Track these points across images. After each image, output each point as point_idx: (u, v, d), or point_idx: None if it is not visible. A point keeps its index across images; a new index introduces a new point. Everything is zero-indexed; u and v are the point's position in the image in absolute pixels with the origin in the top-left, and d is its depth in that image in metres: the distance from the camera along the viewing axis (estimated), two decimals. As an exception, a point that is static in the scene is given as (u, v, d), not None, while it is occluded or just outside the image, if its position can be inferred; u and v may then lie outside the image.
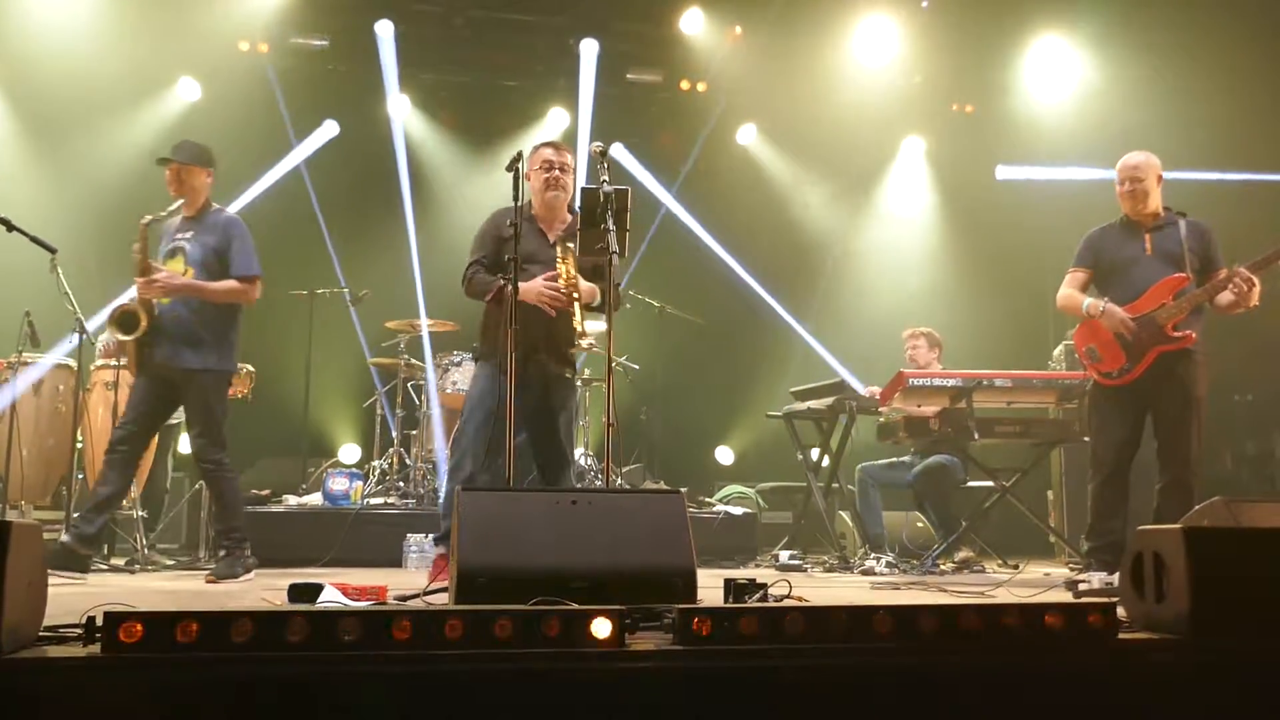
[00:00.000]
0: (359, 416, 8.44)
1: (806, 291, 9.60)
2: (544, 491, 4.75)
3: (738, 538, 6.82)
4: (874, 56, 9.07)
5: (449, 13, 8.78)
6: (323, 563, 5.82)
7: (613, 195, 3.76)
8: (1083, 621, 2.30)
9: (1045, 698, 2.24)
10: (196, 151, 5.20)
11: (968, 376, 5.72)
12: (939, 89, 9.51)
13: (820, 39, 8.94)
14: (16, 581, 1.97)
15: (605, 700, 2.07)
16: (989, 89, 9.46)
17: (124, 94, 8.50)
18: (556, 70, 9.29)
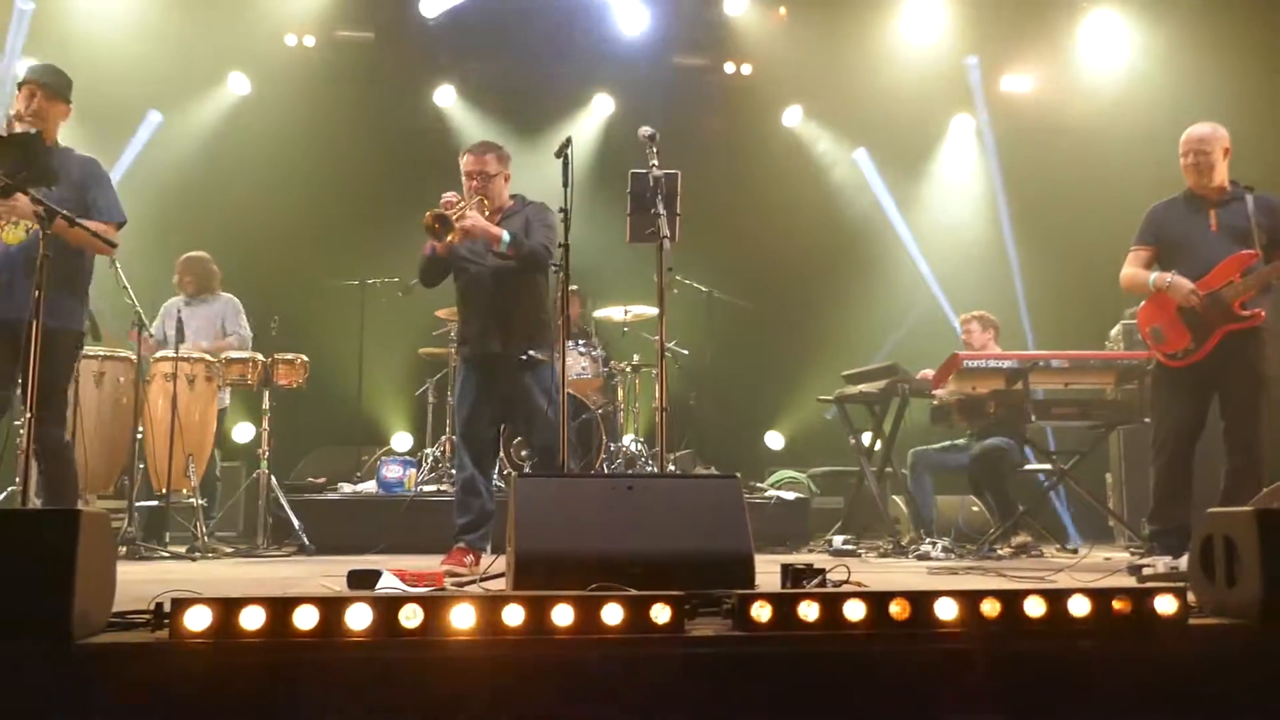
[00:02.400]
0: (410, 405, 8.51)
1: (856, 274, 9.50)
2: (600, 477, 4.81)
3: (790, 523, 6.79)
4: (922, 34, 8.93)
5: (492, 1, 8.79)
6: (378, 549, 5.89)
7: (662, 179, 3.75)
8: (1152, 607, 2.25)
9: (1113, 684, 2.20)
10: (62, 79, 4.53)
11: (1023, 358, 5.63)
12: (989, 65, 9.34)
13: (866, 18, 8.83)
14: (87, 569, 2.01)
15: (665, 685, 2.07)
16: (1041, 65, 9.27)
17: (176, 90, 8.64)
18: (601, 57, 9.27)
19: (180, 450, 5.83)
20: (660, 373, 3.85)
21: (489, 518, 4.60)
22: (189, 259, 6.84)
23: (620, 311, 7.35)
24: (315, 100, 8.69)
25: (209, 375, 6.17)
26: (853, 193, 9.68)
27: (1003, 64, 9.38)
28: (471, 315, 4.68)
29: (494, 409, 4.69)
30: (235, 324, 6.80)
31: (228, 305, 6.84)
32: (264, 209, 8.46)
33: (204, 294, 6.78)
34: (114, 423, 5.90)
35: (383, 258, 7.98)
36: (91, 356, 5.85)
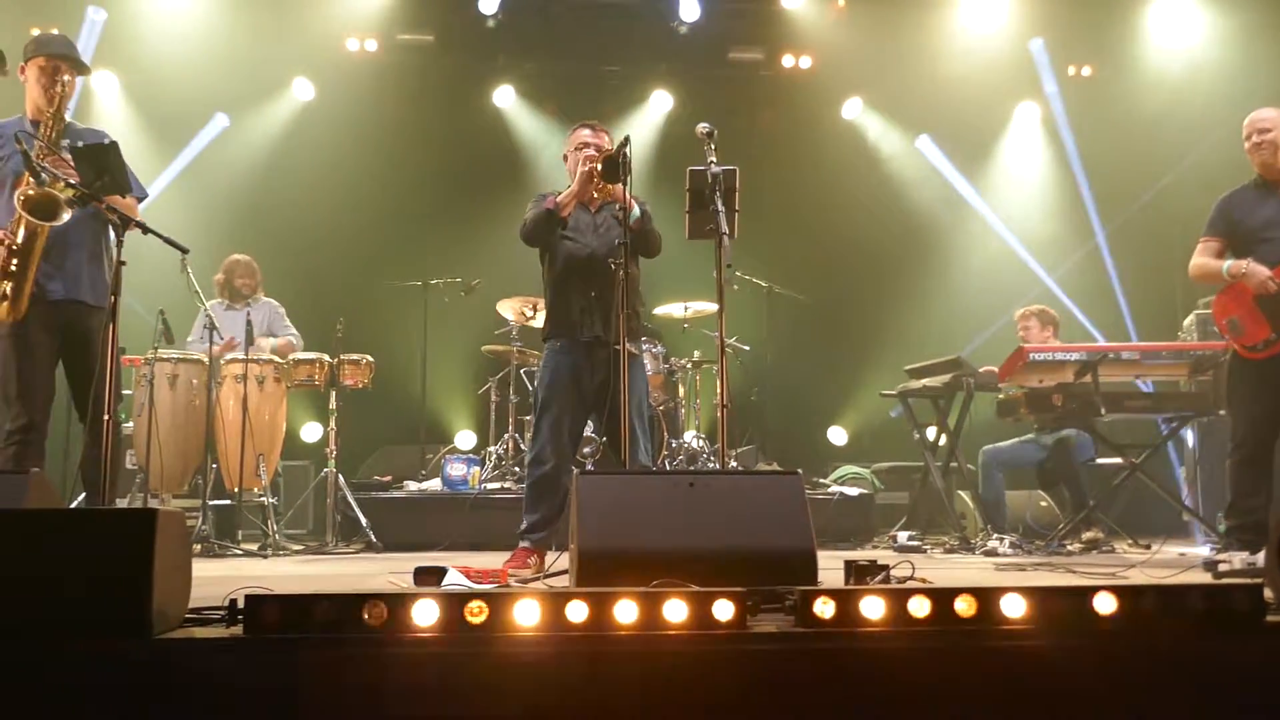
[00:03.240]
0: (474, 403, 8.60)
1: (918, 266, 9.38)
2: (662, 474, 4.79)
3: (853, 519, 6.74)
4: (984, 21, 8.80)
5: (549, 2, 8.85)
6: (443, 546, 5.97)
7: (720, 175, 3.75)
8: (1227, 604, 2.20)
9: (1187, 684, 2.16)
10: (75, 47, 4.37)
11: (1092, 350, 5.53)
12: (1054, 52, 9.16)
13: (927, 6, 8.72)
14: (164, 566, 2.07)
15: (728, 681, 2.07)
16: (1108, 50, 9.07)
17: (243, 97, 8.83)
18: (658, 53, 9.27)
19: (251, 450, 5.96)
20: (721, 369, 3.85)
21: (559, 516, 4.41)
22: (244, 261, 6.93)
23: (680, 308, 7.36)
24: (377, 103, 8.83)
25: (278, 376, 6.30)
26: (914, 184, 9.56)
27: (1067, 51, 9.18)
28: (570, 296, 4.50)
29: (587, 398, 4.50)
30: (283, 327, 6.89)
31: (271, 309, 6.93)
32: (328, 212, 8.62)
33: (250, 297, 6.88)
34: (187, 424, 6.06)
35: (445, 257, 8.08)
36: (165, 359, 6.02)
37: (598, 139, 4.61)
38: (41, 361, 4.04)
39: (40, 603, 2.00)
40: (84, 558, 2.04)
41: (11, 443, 3.96)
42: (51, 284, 4.04)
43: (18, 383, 3.99)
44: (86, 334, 4.08)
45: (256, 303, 6.89)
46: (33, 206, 3.72)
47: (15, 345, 4.00)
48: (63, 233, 4.01)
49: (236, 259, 6.92)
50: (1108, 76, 9.18)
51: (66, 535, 2.07)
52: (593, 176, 4.34)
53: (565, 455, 4.50)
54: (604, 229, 4.55)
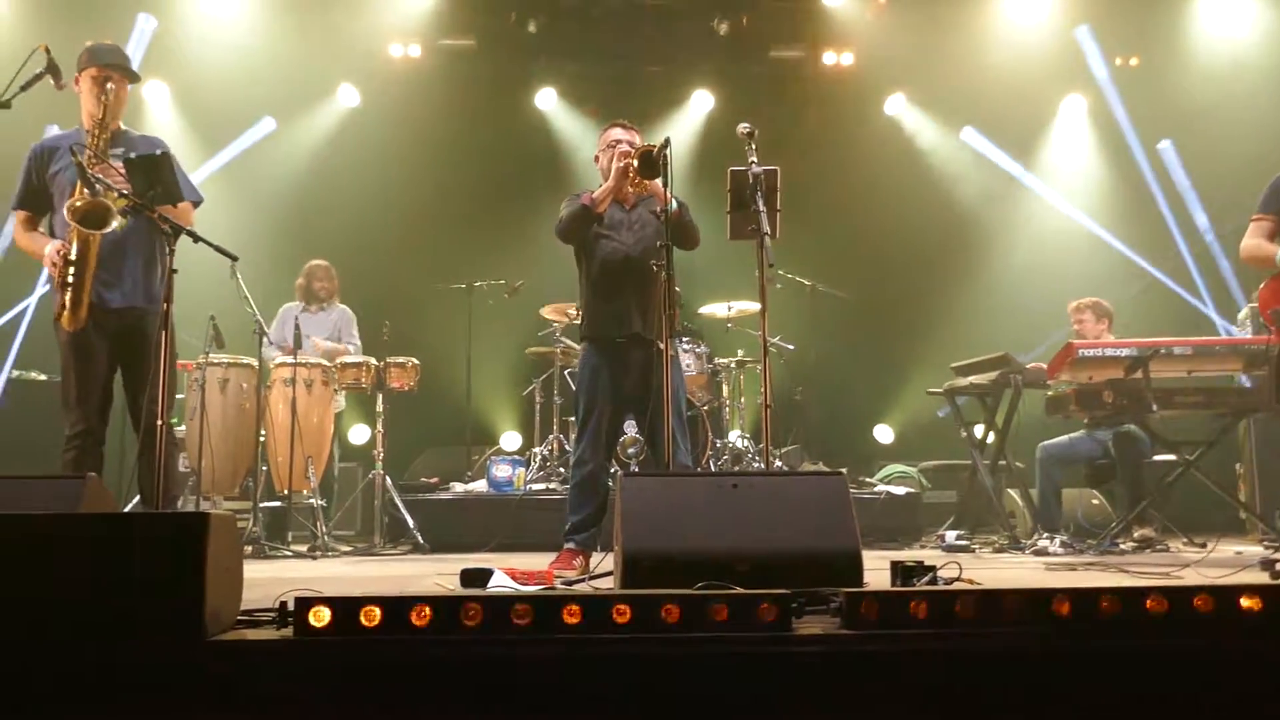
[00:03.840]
0: (518, 404, 8.65)
1: (964, 262, 9.29)
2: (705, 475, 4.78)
3: (900, 518, 6.69)
4: (1028, 13, 8.69)
5: (588, 4, 8.87)
6: (489, 547, 6.01)
7: (761, 176, 3.74)
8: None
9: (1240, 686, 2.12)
10: (127, 56, 4.38)
11: (1143, 345, 5.44)
12: (1101, 43, 9.02)
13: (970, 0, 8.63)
14: (216, 569, 2.11)
15: (773, 684, 2.07)
16: (1156, 40, 8.92)
17: (289, 103, 8.96)
18: (698, 53, 9.26)
19: (300, 452, 6.05)
20: (764, 369, 3.84)
21: (602, 516, 4.48)
22: (323, 266, 7.08)
23: (723, 308, 7.35)
24: (420, 108, 8.91)
25: (326, 380, 6.38)
26: (957, 179, 9.46)
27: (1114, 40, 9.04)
28: (608, 294, 4.50)
29: (625, 397, 4.52)
30: (349, 334, 7.03)
31: (344, 315, 7.07)
32: (373, 216, 8.73)
33: (327, 301, 7.03)
34: (238, 427, 6.16)
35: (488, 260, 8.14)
36: (216, 364, 6.12)
37: (629, 136, 4.62)
38: (99, 368, 4.12)
39: (95, 605, 2.05)
40: (138, 561, 2.08)
41: (70, 448, 4.04)
42: (110, 292, 4.12)
43: (76, 389, 4.07)
44: (143, 339, 4.15)
45: (333, 308, 7.02)
46: (82, 216, 3.80)
47: (75, 352, 4.09)
48: (120, 241, 4.10)
49: (316, 264, 7.09)
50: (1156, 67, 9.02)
51: (121, 539, 2.12)
52: (628, 172, 4.33)
53: (606, 456, 4.55)
54: (639, 226, 4.55)
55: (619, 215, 4.58)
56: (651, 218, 4.40)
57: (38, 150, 4.24)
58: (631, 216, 4.59)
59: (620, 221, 4.57)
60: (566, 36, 9.10)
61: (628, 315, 4.47)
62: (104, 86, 4.11)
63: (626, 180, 4.37)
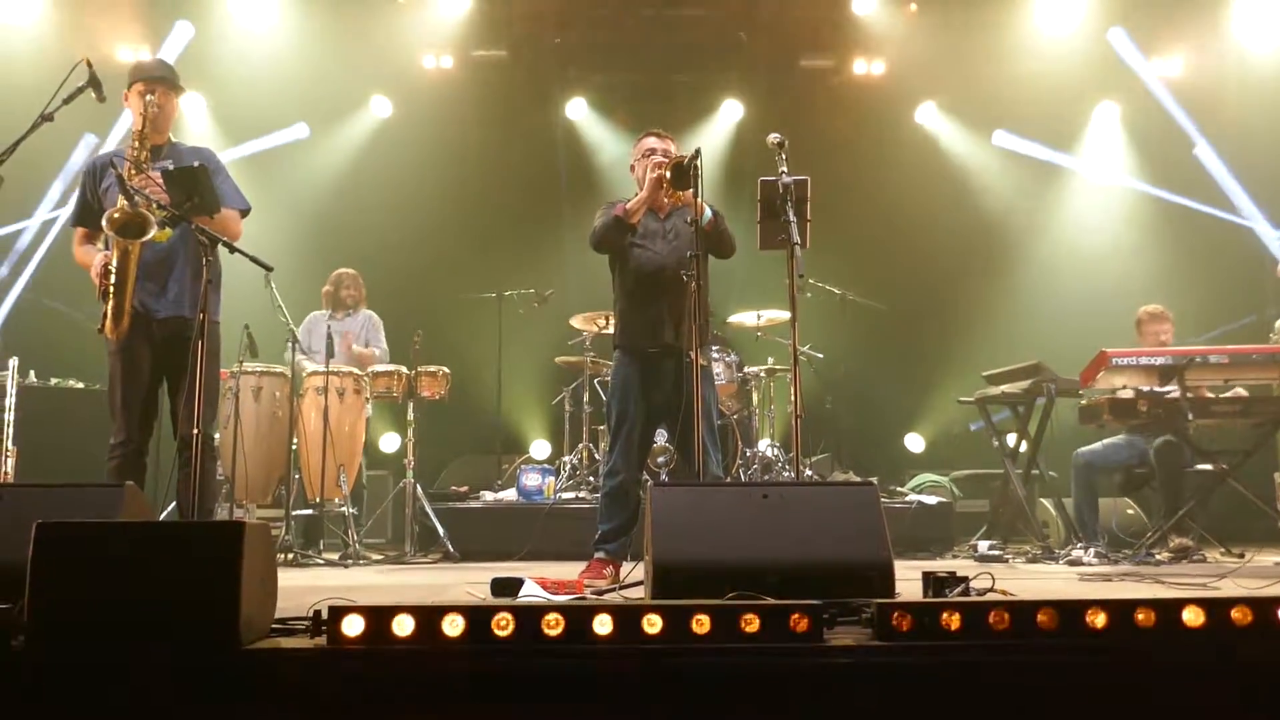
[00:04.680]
0: (548, 413, 8.68)
1: (995, 271, 9.23)
2: (735, 485, 4.77)
3: (932, 528, 6.64)
4: (1060, 22, 8.62)
5: (618, 14, 8.90)
6: (519, 556, 6.03)
7: (792, 186, 3.74)
8: (1324, 617, 2.12)
9: None
10: (174, 71, 4.46)
11: (1178, 353, 5.37)
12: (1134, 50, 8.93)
13: (1001, 6, 8.58)
14: (251, 577, 2.13)
15: (805, 695, 2.06)
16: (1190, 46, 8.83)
17: (322, 113, 9.06)
18: (728, 63, 9.27)
19: (332, 461, 6.09)
20: (794, 380, 3.83)
21: (632, 526, 4.49)
22: (350, 274, 7.16)
23: (753, 317, 7.33)
24: (452, 119, 8.98)
25: (357, 388, 6.43)
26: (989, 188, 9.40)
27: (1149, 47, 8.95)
28: (641, 304, 4.52)
29: (657, 407, 4.53)
30: (377, 339, 7.08)
31: (370, 320, 7.13)
32: (405, 226, 8.79)
33: (353, 308, 7.10)
34: (271, 435, 6.22)
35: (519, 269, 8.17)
36: (250, 372, 6.18)
37: (664, 145, 4.64)
38: (143, 378, 4.18)
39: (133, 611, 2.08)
40: (176, 569, 2.11)
41: (113, 457, 4.10)
42: (156, 302, 4.19)
43: (121, 399, 4.13)
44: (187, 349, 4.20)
45: (358, 314, 7.09)
46: (119, 226, 3.86)
47: (121, 362, 4.15)
48: (167, 252, 4.17)
49: (344, 272, 7.16)
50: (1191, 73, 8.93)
51: (159, 547, 2.15)
52: (661, 182, 4.34)
53: (636, 465, 4.56)
54: (673, 236, 4.57)
55: (653, 225, 4.60)
56: (685, 227, 4.40)
57: (90, 167, 4.33)
58: (666, 226, 4.60)
59: (654, 231, 4.59)
60: (597, 47, 9.14)
61: (660, 325, 4.48)
62: (146, 100, 4.18)
63: (660, 190, 4.38)
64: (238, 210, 4.35)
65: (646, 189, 4.42)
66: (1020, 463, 6.54)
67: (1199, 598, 2.17)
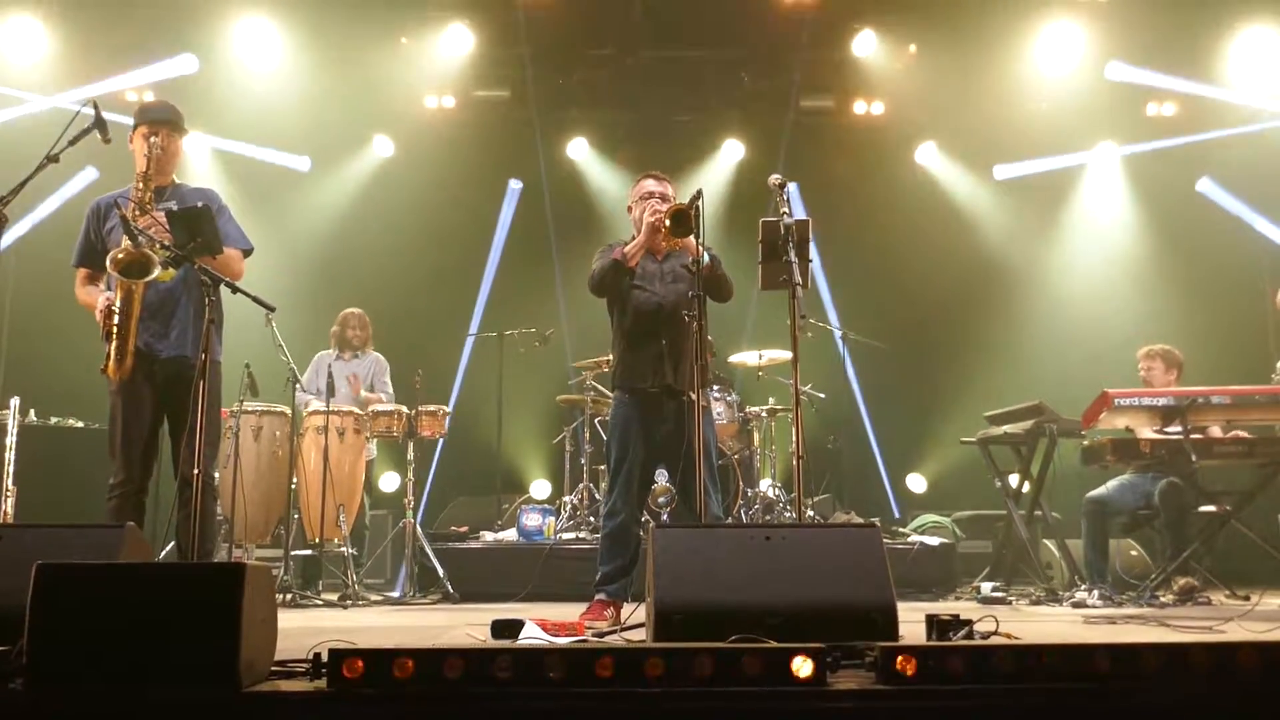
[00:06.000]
0: (549, 453, 8.67)
1: (997, 310, 9.27)
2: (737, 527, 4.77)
3: (935, 569, 6.61)
4: (1058, 63, 8.72)
5: (621, 54, 9.01)
6: (520, 597, 6.00)
7: (793, 227, 3.77)
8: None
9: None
10: (179, 113, 4.49)
11: (1180, 394, 5.38)
12: (1133, 90, 9.02)
13: (1000, 49, 8.67)
14: (251, 619, 2.13)
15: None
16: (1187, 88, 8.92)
17: (324, 152, 9.14)
18: (729, 102, 9.37)
19: (332, 500, 6.09)
20: (796, 421, 3.84)
21: (633, 567, 4.50)
22: (356, 314, 7.19)
23: (754, 356, 7.36)
24: (454, 159, 9.06)
25: (358, 428, 6.43)
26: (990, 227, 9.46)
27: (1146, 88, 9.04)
28: (641, 344, 4.55)
29: (657, 447, 4.55)
30: (382, 382, 7.10)
31: (377, 362, 7.15)
32: (405, 265, 8.85)
33: (360, 349, 7.12)
34: (270, 475, 6.21)
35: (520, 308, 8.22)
36: (250, 412, 6.19)
37: (662, 188, 4.68)
38: (145, 418, 4.19)
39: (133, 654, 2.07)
40: (176, 611, 2.11)
41: (112, 497, 4.10)
42: (160, 342, 4.21)
43: (121, 438, 4.14)
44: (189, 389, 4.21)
45: (366, 356, 7.11)
46: (124, 267, 3.88)
47: (123, 401, 4.16)
48: (171, 292, 4.20)
49: (350, 312, 7.19)
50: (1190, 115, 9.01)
51: (160, 589, 2.15)
52: (658, 229, 4.39)
53: (637, 506, 4.57)
54: (671, 278, 4.60)
55: (651, 266, 4.63)
56: (684, 270, 4.44)
57: (95, 208, 4.36)
58: (664, 268, 4.63)
59: (653, 273, 4.62)
60: (599, 87, 9.23)
61: (660, 366, 4.51)
62: (150, 141, 4.22)
63: (658, 236, 4.42)
64: (240, 250, 4.39)
65: (644, 235, 4.47)
66: (1023, 504, 6.53)
67: (1205, 641, 2.16)
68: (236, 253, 4.34)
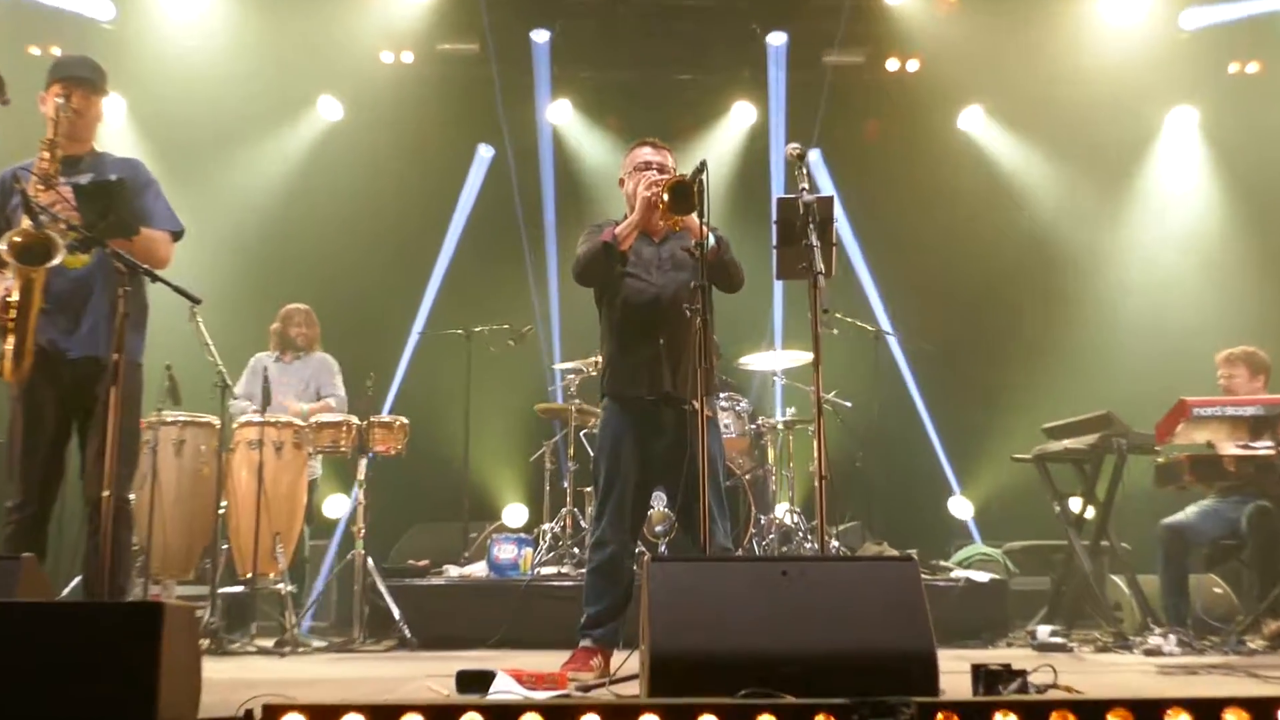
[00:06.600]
0: (525, 473, 8.67)
1: (1055, 304, 9.29)
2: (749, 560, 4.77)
3: (982, 610, 6.62)
4: (1125, 13, 8.74)
5: (611, 2, 9.00)
6: (491, 643, 6.00)
7: (814, 205, 3.76)
8: None
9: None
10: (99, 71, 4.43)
11: (1271, 403, 5.40)
12: (1212, 45, 9.05)
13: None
14: (171, 669, 2.13)
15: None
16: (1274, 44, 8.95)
17: (262, 117, 9.10)
18: (740, 59, 9.37)
19: (267, 528, 6.07)
20: (818, 433, 3.84)
21: (625, 607, 4.47)
22: (301, 310, 7.19)
23: (768, 358, 7.36)
24: (414, 123, 9.05)
25: (298, 442, 6.42)
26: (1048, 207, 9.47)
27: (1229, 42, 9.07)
28: (634, 344, 4.53)
29: (654, 466, 4.54)
30: (331, 386, 7.10)
31: (323, 365, 7.15)
32: (356, 250, 8.84)
33: (305, 350, 7.11)
34: (194, 497, 6.20)
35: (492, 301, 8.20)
36: (171, 422, 6.18)
37: (660, 158, 4.67)
38: (49, 430, 4.17)
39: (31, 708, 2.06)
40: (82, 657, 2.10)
41: (9, 523, 4.08)
42: (67, 340, 4.18)
43: (21, 454, 4.11)
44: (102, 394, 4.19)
45: (311, 357, 7.11)
46: (19, 251, 3.85)
47: (24, 411, 4.13)
48: (83, 282, 4.18)
49: (294, 307, 7.22)
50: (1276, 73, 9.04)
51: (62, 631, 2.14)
52: (656, 204, 4.36)
53: (629, 535, 4.55)
54: (670, 265, 4.58)
55: (647, 251, 4.61)
56: (685, 255, 4.42)
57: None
58: (662, 252, 4.61)
59: (649, 259, 4.60)
60: (585, 40, 9.23)
61: (657, 370, 4.48)
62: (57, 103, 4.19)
63: (655, 214, 4.40)
64: (169, 232, 4.37)
65: (638, 212, 4.44)
66: (1087, 532, 6.54)
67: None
68: (163, 235, 4.33)
